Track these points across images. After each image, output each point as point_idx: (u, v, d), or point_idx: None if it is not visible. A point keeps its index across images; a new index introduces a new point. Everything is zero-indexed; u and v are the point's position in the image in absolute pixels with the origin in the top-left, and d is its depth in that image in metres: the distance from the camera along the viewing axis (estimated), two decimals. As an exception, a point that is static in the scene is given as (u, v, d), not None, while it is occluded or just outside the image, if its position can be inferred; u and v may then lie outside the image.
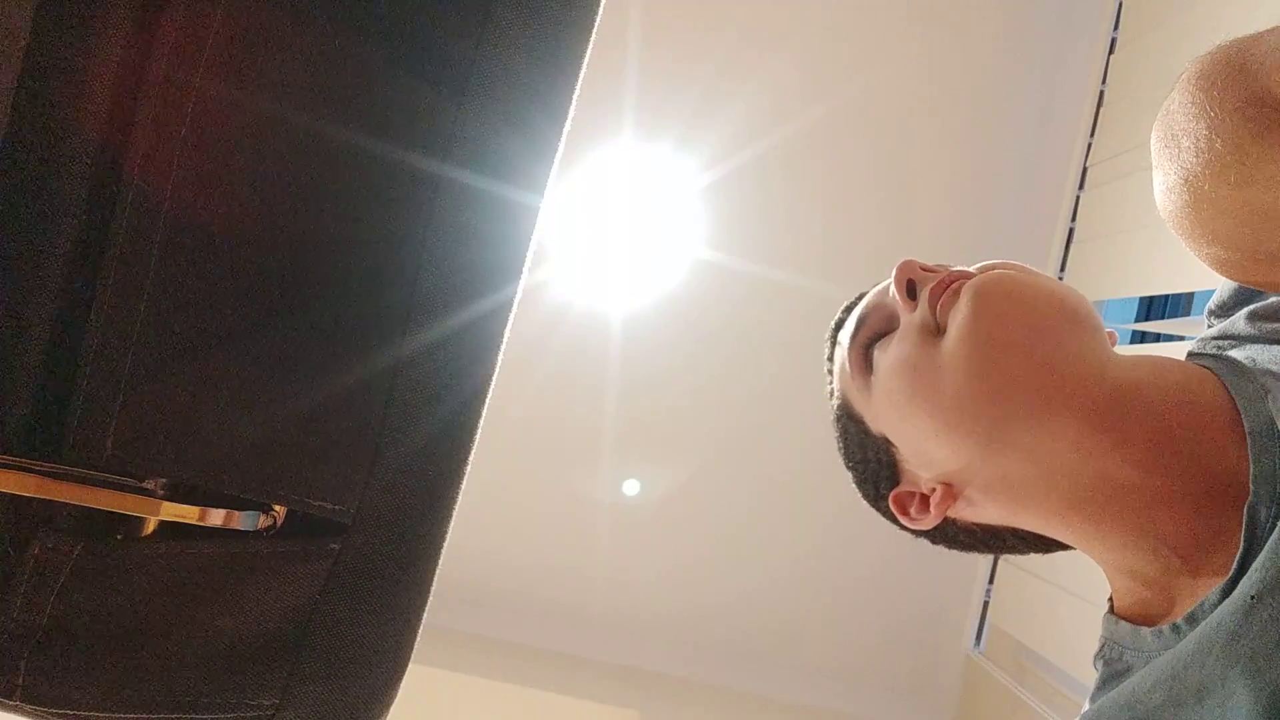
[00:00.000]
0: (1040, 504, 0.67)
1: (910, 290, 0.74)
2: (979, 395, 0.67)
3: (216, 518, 0.57)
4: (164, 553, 0.58)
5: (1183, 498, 0.62)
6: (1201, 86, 0.52)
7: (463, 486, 0.63)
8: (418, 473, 0.60)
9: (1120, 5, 2.40)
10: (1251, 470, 0.59)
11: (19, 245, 0.55)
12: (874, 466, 0.79)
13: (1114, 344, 0.73)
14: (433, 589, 0.64)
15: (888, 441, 0.76)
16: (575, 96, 0.60)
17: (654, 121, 2.55)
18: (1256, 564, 0.54)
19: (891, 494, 0.78)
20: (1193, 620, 0.58)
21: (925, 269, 0.74)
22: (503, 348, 0.62)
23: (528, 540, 2.65)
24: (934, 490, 0.74)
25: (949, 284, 0.70)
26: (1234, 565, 0.57)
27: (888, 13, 2.58)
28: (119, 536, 0.58)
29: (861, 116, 2.58)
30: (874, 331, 0.76)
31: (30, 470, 0.55)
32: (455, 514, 0.63)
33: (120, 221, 0.54)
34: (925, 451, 0.73)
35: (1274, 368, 0.64)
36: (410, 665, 0.64)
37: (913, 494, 0.77)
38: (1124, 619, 0.65)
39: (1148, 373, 0.66)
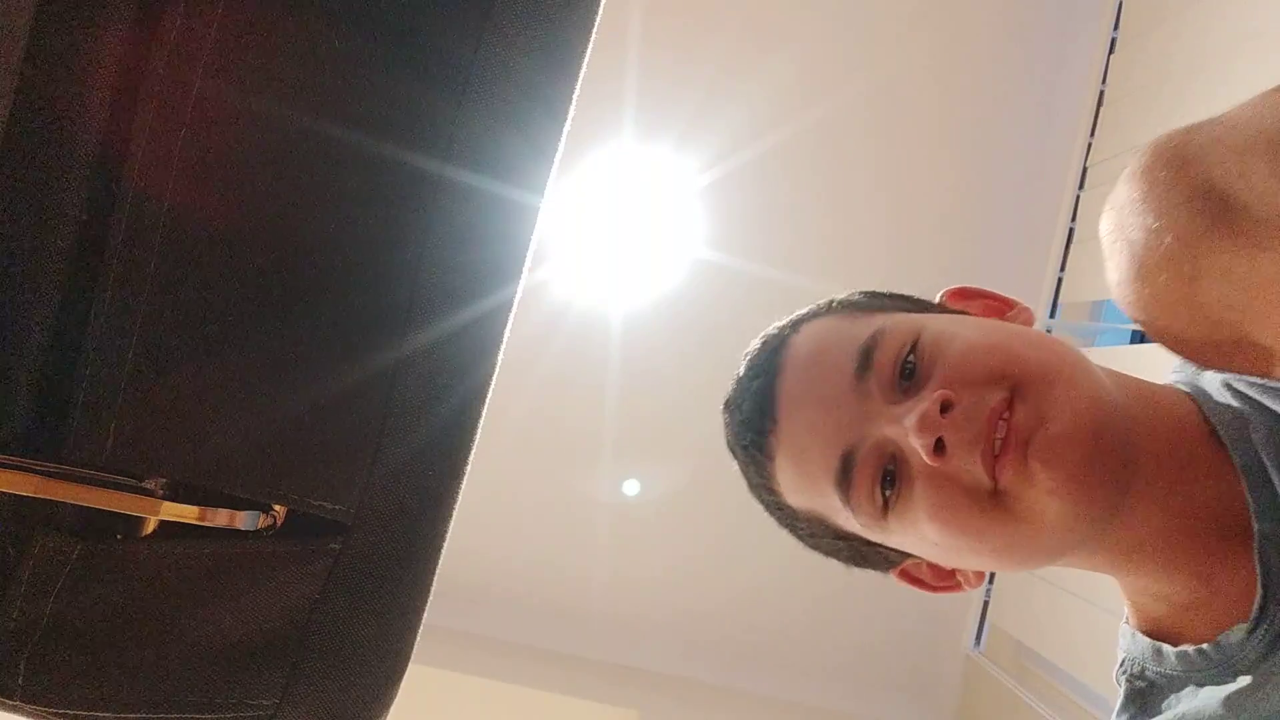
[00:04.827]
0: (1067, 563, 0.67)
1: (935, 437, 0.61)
2: (1053, 550, 0.63)
3: (217, 518, 0.57)
4: (164, 552, 0.58)
5: (1192, 531, 0.62)
6: (1148, 180, 0.52)
7: (463, 486, 0.63)
8: (418, 472, 0.60)
9: (1120, 5, 2.40)
10: (1251, 508, 0.59)
11: (19, 245, 0.55)
12: (866, 559, 0.73)
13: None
14: (433, 589, 0.64)
15: (892, 549, 0.70)
16: (575, 96, 0.60)
17: (654, 121, 2.55)
18: None
19: (899, 572, 0.74)
20: (1220, 648, 0.59)
21: (942, 413, 0.60)
22: (503, 347, 0.62)
23: (528, 540, 2.65)
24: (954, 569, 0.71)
25: (1004, 446, 0.59)
26: (1255, 607, 0.58)
27: (888, 12, 2.58)
28: (119, 536, 0.58)
29: (862, 116, 2.58)
30: (878, 470, 0.64)
31: (30, 470, 0.55)
32: (455, 514, 0.63)
33: (120, 221, 0.54)
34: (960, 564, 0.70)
35: (1252, 392, 0.63)
36: (410, 665, 0.64)
37: (920, 564, 0.73)
38: (1144, 633, 0.65)
39: (1142, 409, 0.63)
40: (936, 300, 0.76)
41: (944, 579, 0.73)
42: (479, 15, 0.57)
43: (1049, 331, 2.36)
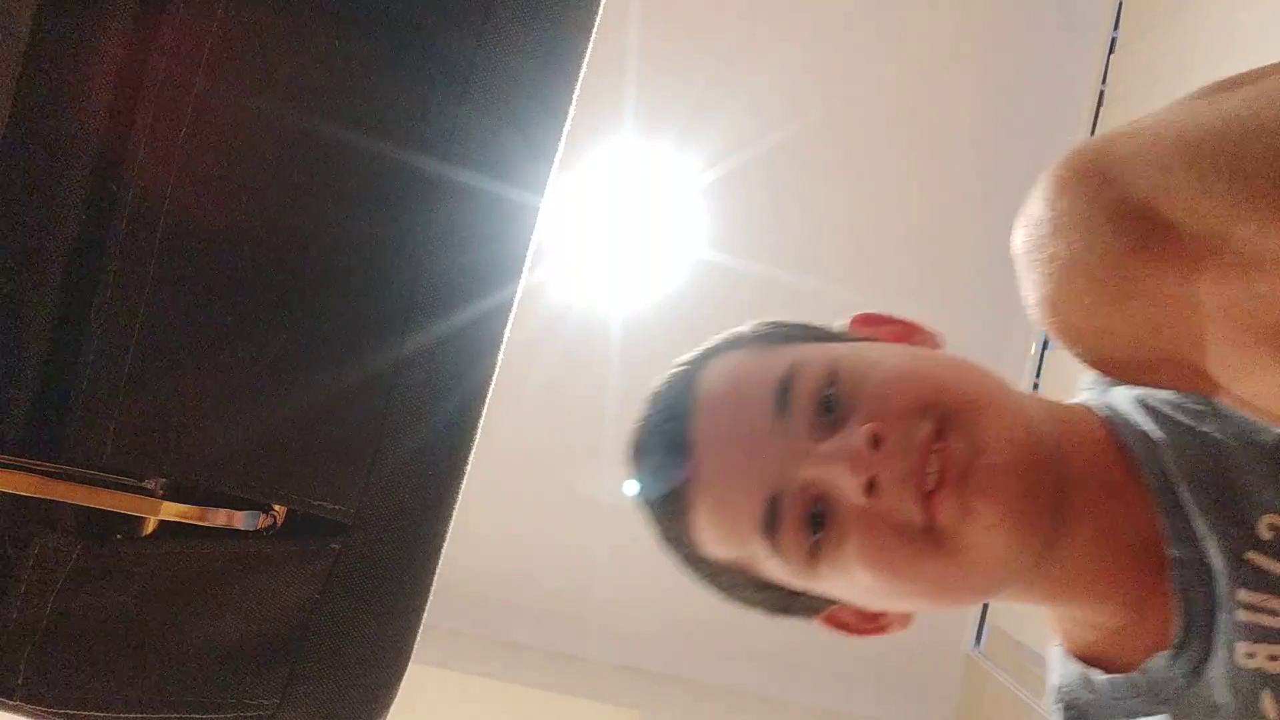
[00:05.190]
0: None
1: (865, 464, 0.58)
2: (990, 587, 0.62)
3: (217, 518, 0.57)
4: (164, 553, 0.58)
5: (1121, 559, 0.60)
6: (1068, 196, 0.48)
7: (463, 486, 0.63)
8: (418, 473, 0.60)
9: (1120, 5, 2.40)
10: (1165, 533, 0.58)
11: (19, 245, 0.55)
12: (790, 608, 0.70)
13: None
14: (433, 589, 0.64)
15: (818, 596, 0.67)
16: (575, 96, 0.60)
17: (655, 115, 2.47)
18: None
19: (824, 618, 0.70)
20: (1146, 676, 0.59)
21: (872, 449, 0.57)
22: (503, 348, 0.62)
23: (528, 540, 2.65)
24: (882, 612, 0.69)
25: (940, 480, 0.56)
26: (1178, 634, 0.57)
27: (889, 12, 2.58)
28: (119, 536, 0.58)
29: (861, 115, 2.58)
30: (806, 513, 0.60)
31: (30, 470, 0.55)
32: (455, 514, 0.63)
33: (120, 221, 0.54)
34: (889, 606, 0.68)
35: (1167, 409, 0.62)
36: (410, 665, 0.64)
37: (845, 609, 0.70)
38: (1075, 657, 0.65)
39: (1064, 433, 0.62)
40: (840, 328, 0.72)
41: (870, 622, 0.70)
42: (479, 15, 0.57)
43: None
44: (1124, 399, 0.65)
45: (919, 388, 0.60)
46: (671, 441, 0.65)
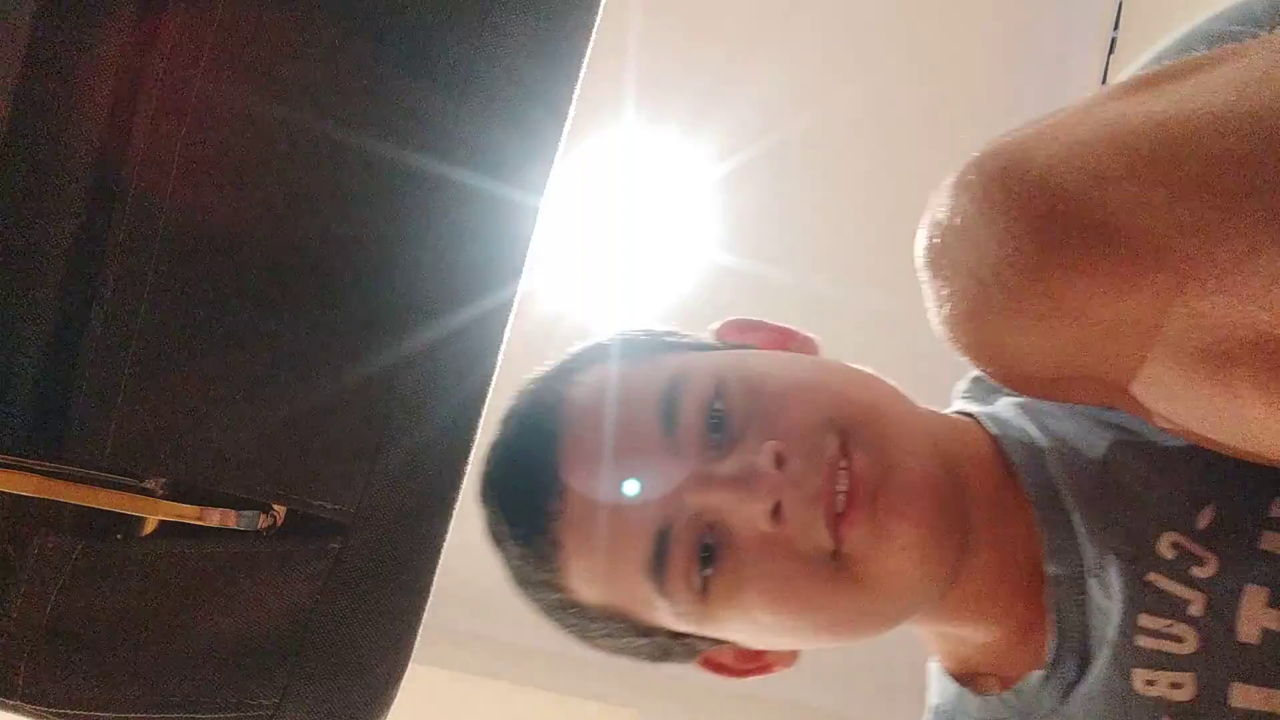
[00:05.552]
0: None
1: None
2: (899, 614, 0.58)
3: (216, 517, 0.57)
4: (164, 552, 0.58)
5: (1013, 577, 0.57)
6: (982, 201, 0.42)
7: (463, 486, 0.63)
8: (418, 473, 0.60)
9: (1120, 5, 2.41)
10: (1044, 547, 0.55)
11: (19, 245, 0.55)
12: (670, 653, 0.64)
13: None
14: (433, 589, 0.64)
15: (701, 637, 0.62)
16: (576, 95, 0.60)
17: (660, 102, 2.24)
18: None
19: (701, 661, 0.65)
20: (1019, 695, 0.56)
21: (776, 469, 0.53)
22: (503, 348, 0.62)
23: (527, 540, 2.64)
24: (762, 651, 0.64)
25: (849, 501, 0.52)
26: (1050, 654, 0.54)
27: (889, 12, 2.57)
28: (119, 536, 0.58)
29: (860, 115, 2.57)
30: (695, 547, 0.54)
31: (30, 470, 0.55)
32: (455, 514, 0.64)
33: (120, 221, 0.55)
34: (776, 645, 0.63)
35: (1051, 422, 0.58)
36: (410, 665, 0.64)
37: (724, 649, 0.65)
38: (952, 674, 0.63)
39: (959, 446, 0.59)
40: (712, 336, 0.67)
41: (751, 661, 0.65)
42: (479, 15, 0.57)
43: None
44: (1008, 406, 0.61)
45: (819, 399, 0.55)
46: (536, 470, 0.58)
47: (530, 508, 0.58)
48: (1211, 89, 0.39)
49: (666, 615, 0.58)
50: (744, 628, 0.58)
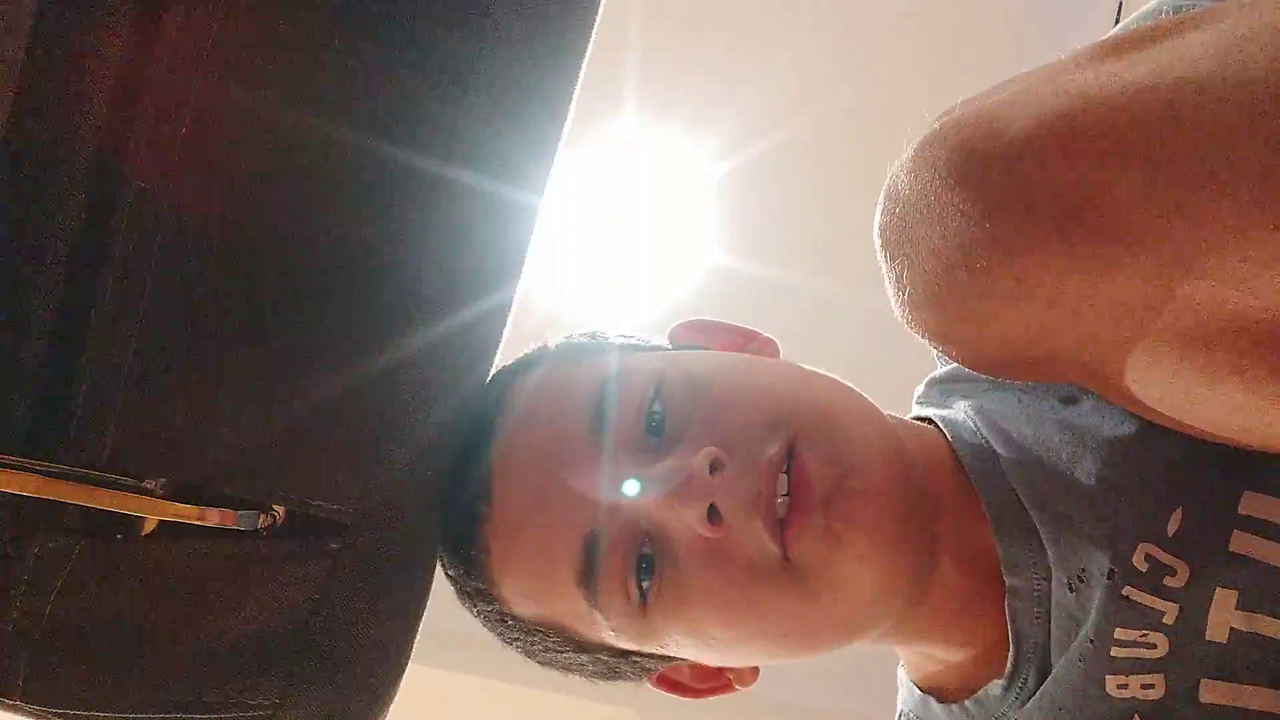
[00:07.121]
0: None
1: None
2: (858, 628, 0.56)
3: (216, 517, 0.57)
4: (164, 552, 0.58)
5: (976, 586, 0.56)
6: (950, 177, 0.39)
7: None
8: (418, 473, 0.60)
9: (1120, 5, 2.41)
10: (1001, 557, 0.53)
11: (19, 244, 0.55)
12: (618, 671, 0.64)
13: None
14: (433, 589, 0.64)
15: (650, 655, 0.61)
16: (576, 94, 0.60)
17: (660, 102, 2.19)
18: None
19: (656, 679, 0.64)
20: (980, 705, 0.56)
21: (712, 472, 0.50)
22: (501, 348, 0.62)
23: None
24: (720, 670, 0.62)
25: (797, 506, 0.50)
26: (1009, 665, 0.53)
27: (889, 12, 2.57)
28: (119, 536, 0.58)
29: (860, 113, 2.56)
30: (631, 556, 0.53)
31: (30, 470, 0.55)
32: (455, 514, 0.63)
33: (120, 221, 0.55)
34: (728, 661, 0.61)
35: (1010, 425, 0.56)
36: (410, 665, 0.64)
37: (680, 666, 0.64)
38: (917, 683, 0.62)
39: (922, 451, 0.57)
40: (665, 338, 0.65)
41: (709, 679, 0.63)
42: (479, 14, 0.57)
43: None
44: (965, 410, 0.59)
45: (766, 401, 0.53)
46: (468, 473, 0.56)
47: (460, 512, 0.57)
48: (1191, 56, 0.35)
49: (604, 631, 0.56)
50: (692, 643, 0.56)
